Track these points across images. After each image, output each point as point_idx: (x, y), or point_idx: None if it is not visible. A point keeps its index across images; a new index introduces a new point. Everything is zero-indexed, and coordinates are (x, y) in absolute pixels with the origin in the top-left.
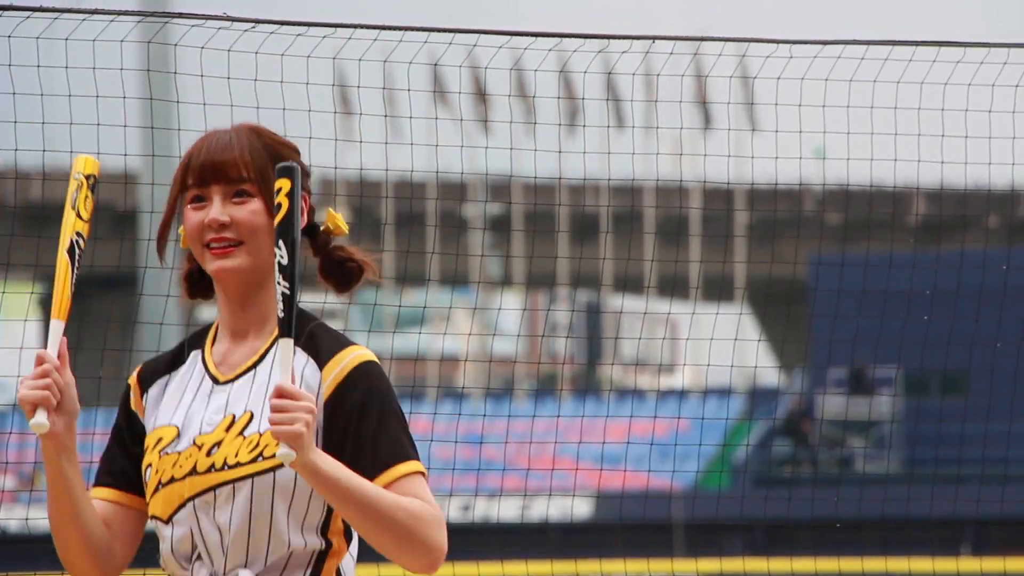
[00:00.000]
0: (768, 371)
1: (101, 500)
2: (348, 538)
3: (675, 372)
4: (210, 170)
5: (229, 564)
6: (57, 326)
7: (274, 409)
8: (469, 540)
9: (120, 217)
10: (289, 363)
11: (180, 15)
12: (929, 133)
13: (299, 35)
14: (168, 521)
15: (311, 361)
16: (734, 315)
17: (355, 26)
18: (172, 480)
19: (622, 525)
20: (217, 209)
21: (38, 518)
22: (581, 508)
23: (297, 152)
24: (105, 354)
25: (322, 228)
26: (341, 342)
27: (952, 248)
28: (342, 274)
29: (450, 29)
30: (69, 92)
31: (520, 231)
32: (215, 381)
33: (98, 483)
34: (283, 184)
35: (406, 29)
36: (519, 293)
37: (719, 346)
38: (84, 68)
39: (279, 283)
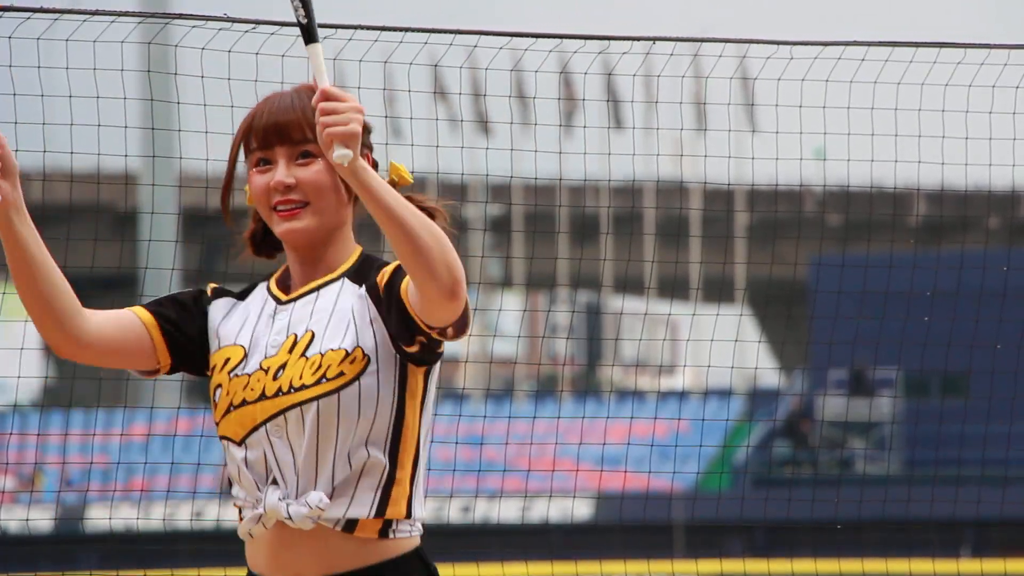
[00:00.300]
0: (768, 372)
1: (133, 313)
2: (415, 465)
3: (675, 373)
4: (273, 132)
5: (301, 486)
6: None
7: (323, 112)
8: (469, 541)
9: (121, 218)
10: (322, 66)
11: (180, 16)
12: (929, 134)
13: (299, 36)
14: (241, 443)
15: (354, 287)
16: (734, 316)
17: (355, 27)
18: (244, 403)
19: (622, 526)
20: (282, 171)
21: (37, 519)
22: (581, 509)
23: (362, 113)
24: None
25: (387, 181)
26: (386, 262)
27: (952, 249)
28: None
29: (450, 30)
30: (70, 93)
31: (520, 232)
32: (278, 301)
33: (143, 306)
34: None
35: (406, 30)
36: (519, 294)
37: (719, 347)
38: (84, 69)
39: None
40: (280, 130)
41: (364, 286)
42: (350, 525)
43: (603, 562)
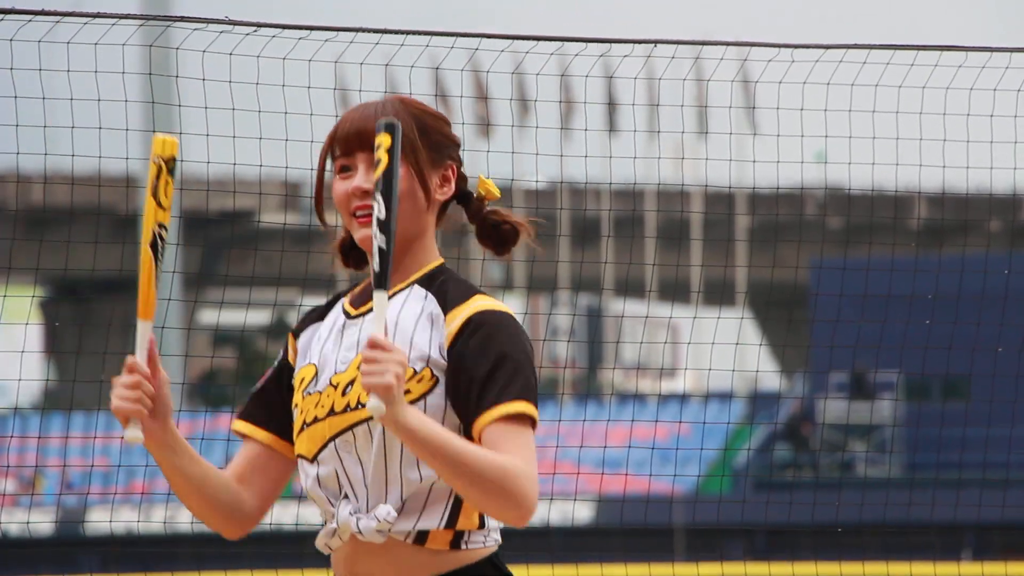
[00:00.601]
0: (769, 375)
1: (251, 439)
2: None
3: (676, 376)
4: (355, 139)
5: (371, 500)
6: (144, 328)
7: (366, 360)
8: None
9: (121, 221)
10: (383, 316)
11: (182, 19)
12: (931, 137)
13: (301, 39)
14: (313, 460)
15: (438, 305)
16: (735, 319)
17: (357, 30)
18: (315, 420)
19: (623, 529)
20: (361, 177)
21: (38, 522)
22: (582, 512)
23: (447, 123)
24: (106, 357)
25: (475, 195)
26: (468, 291)
27: (954, 252)
28: (498, 236)
29: (451, 33)
30: (71, 96)
31: None
32: (347, 316)
33: (252, 419)
34: (383, 140)
35: (408, 33)
36: (520, 297)
37: (720, 350)
38: (86, 72)
39: (375, 236)
40: (361, 136)
41: (444, 327)
42: (421, 537)
43: (604, 565)
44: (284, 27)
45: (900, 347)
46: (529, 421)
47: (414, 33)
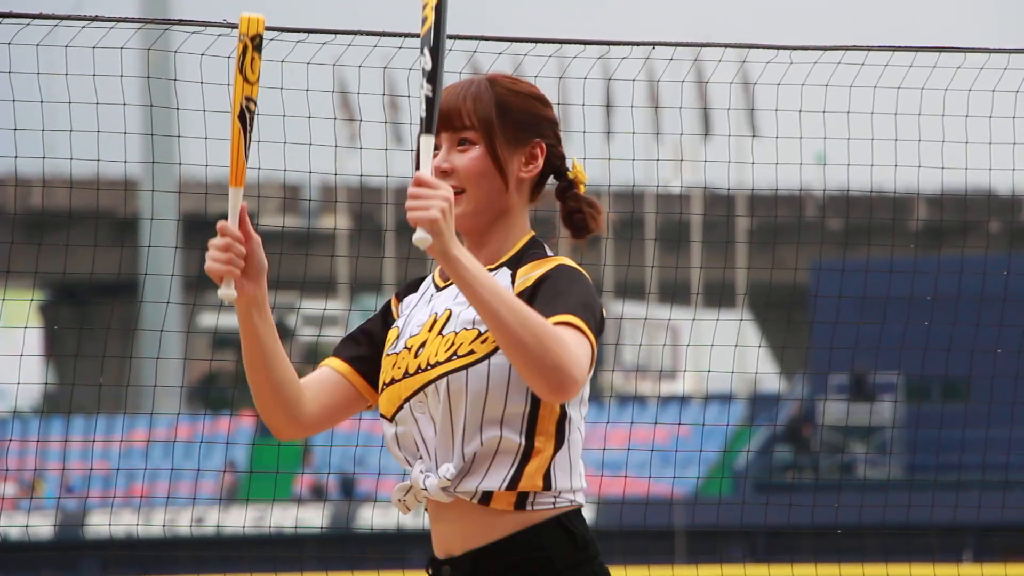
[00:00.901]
0: (769, 377)
1: (331, 368)
2: (559, 441)
3: (676, 378)
4: (441, 118)
5: (440, 459)
6: (236, 193)
7: (411, 197)
8: None
9: (121, 224)
10: (429, 158)
11: (180, 22)
12: (930, 138)
13: (299, 41)
14: (392, 419)
15: (511, 277)
16: (735, 321)
17: (355, 32)
18: (393, 381)
19: (623, 531)
20: (441, 156)
21: (38, 526)
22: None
23: (539, 100)
24: (106, 361)
25: (566, 177)
26: (545, 256)
27: (953, 254)
28: (572, 222)
29: (450, 35)
30: (69, 99)
31: None
32: (436, 288)
33: (335, 352)
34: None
35: (406, 35)
36: None
37: (720, 352)
38: (84, 75)
39: (422, 86)
40: (444, 116)
41: (512, 274)
42: (485, 497)
43: None
44: (282, 30)
45: (899, 348)
46: (586, 338)
47: (413, 36)
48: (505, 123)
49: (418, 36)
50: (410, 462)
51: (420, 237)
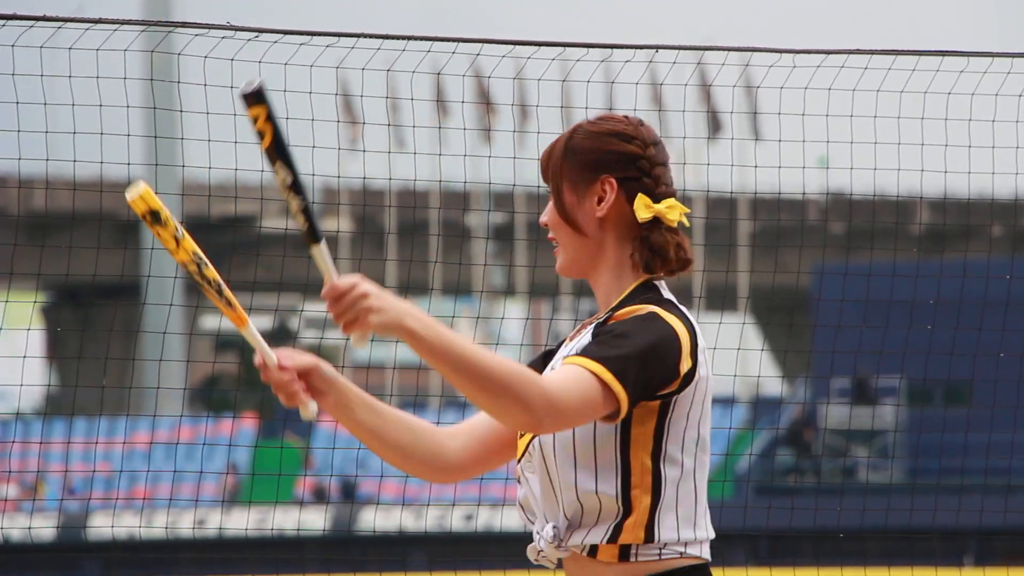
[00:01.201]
0: (771, 380)
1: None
2: (655, 493)
3: None
4: (541, 174)
5: (548, 518)
6: (247, 333)
7: (330, 309)
8: (472, 550)
9: (123, 226)
10: (330, 264)
11: (183, 24)
12: (932, 143)
13: (302, 44)
14: (518, 481)
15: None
16: (737, 324)
17: (358, 35)
18: (514, 444)
19: None
20: (545, 211)
21: (40, 527)
22: None
23: (619, 136)
24: (108, 363)
25: (641, 215)
26: (642, 299)
27: (955, 258)
28: (639, 254)
29: (453, 38)
30: (72, 101)
31: (523, 240)
32: (565, 343)
33: None
34: (257, 112)
35: (409, 39)
36: (522, 302)
37: (722, 355)
38: (87, 77)
39: (291, 201)
40: (541, 171)
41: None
42: (592, 551)
43: None
44: (286, 32)
45: (902, 352)
46: (597, 379)
47: (416, 39)
48: (571, 167)
49: (422, 39)
50: (530, 521)
51: (356, 342)
